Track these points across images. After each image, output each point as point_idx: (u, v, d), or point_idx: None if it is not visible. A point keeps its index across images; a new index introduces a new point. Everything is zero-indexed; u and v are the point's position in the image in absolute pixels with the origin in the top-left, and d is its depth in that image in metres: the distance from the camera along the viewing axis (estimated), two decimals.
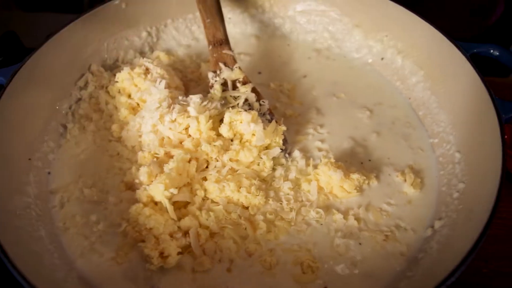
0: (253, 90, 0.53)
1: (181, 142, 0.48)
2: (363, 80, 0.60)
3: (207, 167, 0.48)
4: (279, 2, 0.65)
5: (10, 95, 0.47)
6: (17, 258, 0.37)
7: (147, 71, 0.55)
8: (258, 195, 0.46)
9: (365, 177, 0.48)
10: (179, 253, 0.42)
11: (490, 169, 0.42)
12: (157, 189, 0.43)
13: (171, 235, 0.43)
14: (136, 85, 0.54)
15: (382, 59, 0.61)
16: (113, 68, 0.59)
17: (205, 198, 0.46)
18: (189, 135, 0.48)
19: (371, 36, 0.61)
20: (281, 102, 0.57)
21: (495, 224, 0.53)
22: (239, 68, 0.54)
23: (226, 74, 0.53)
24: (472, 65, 0.49)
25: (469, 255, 0.35)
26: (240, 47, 0.64)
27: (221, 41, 0.56)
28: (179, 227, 0.44)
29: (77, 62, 0.56)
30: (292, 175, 0.49)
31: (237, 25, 0.66)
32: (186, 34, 0.65)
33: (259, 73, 0.61)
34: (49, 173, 0.50)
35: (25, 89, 0.49)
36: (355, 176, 0.47)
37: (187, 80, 0.59)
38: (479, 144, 0.46)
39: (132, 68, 0.54)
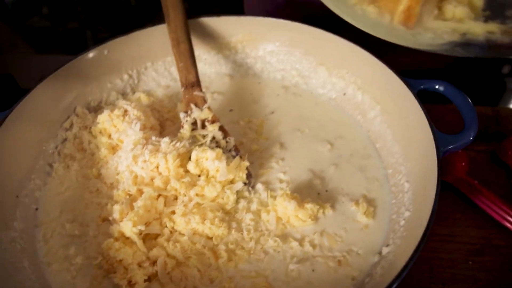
0: (221, 128, 0.58)
1: (152, 180, 0.53)
2: (327, 115, 0.65)
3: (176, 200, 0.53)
4: (250, 43, 0.70)
5: (0, 138, 0.53)
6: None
7: (125, 112, 0.60)
8: (221, 227, 0.50)
9: (319, 207, 0.52)
10: (145, 281, 0.47)
11: (428, 197, 0.46)
12: (126, 226, 0.48)
13: (139, 265, 0.47)
14: (115, 126, 0.59)
15: (344, 94, 0.66)
16: (96, 109, 0.65)
17: (173, 230, 0.51)
18: (160, 173, 0.53)
19: (334, 73, 0.66)
20: (248, 137, 0.62)
21: (452, 248, 0.57)
22: (209, 108, 0.59)
23: (196, 114, 0.58)
24: (417, 101, 0.53)
25: (393, 281, 0.39)
26: (214, 86, 0.70)
27: (192, 83, 0.61)
28: (147, 257, 0.48)
29: (64, 105, 0.62)
30: (254, 206, 0.53)
31: (212, 65, 0.72)
32: (165, 75, 0.70)
33: (231, 110, 0.66)
34: (36, 209, 0.55)
35: (14, 133, 0.55)
36: (309, 205, 0.51)
37: (163, 119, 0.65)
38: (422, 175, 0.50)
39: (112, 110, 0.60)
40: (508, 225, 0.58)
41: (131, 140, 0.56)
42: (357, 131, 0.63)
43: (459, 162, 0.64)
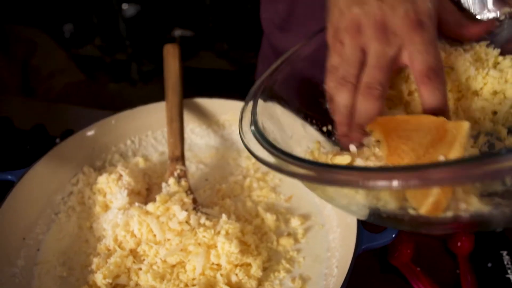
0: (194, 200, 0.70)
1: (127, 239, 0.65)
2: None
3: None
4: (235, 122, 0.82)
5: (18, 191, 0.67)
6: None
7: (120, 177, 0.73)
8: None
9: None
10: None
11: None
12: (98, 277, 0.60)
13: None
14: (110, 188, 0.72)
15: None
16: (101, 168, 0.79)
17: (137, 284, 0.62)
18: (134, 235, 0.65)
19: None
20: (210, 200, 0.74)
21: None
22: (186, 181, 0.71)
23: (173, 188, 0.70)
24: None
25: None
26: (201, 156, 0.82)
27: (177, 158, 0.74)
28: None
29: (73, 164, 0.76)
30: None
31: (203, 138, 0.84)
32: (163, 143, 0.83)
33: (206, 179, 0.78)
34: (38, 250, 0.69)
35: (31, 185, 0.69)
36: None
37: (152, 183, 0.77)
38: (345, 262, 0.59)
39: (111, 173, 0.73)
40: None
41: (118, 204, 0.68)
42: (314, 209, 0.72)
43: (405, 249, 0.71)
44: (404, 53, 0.50)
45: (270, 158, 0.47)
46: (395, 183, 0.36)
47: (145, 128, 0.82)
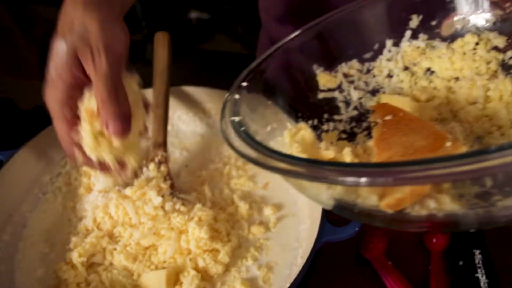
0: (171, 186, 0.72)
1: (104, 221, 0.68)
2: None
3: None
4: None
5: (6, 170, 0.71)
6: None
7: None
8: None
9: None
10: None
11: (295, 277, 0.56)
12: (74, 255, 0.64)
13: (77, 285, 0.63)
14: (94, 171, 0.75)
15: None
16: None
17: (112, 263, 0.65)
18: (112, 217, 0.68)
19: None
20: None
21: None
22: (166, 167, 0.74)
23: (152, 173, 0.73)
24: None
25: None
26: (186, 143, 0.84)
27: (159, 144, 0.76)
28: (86, 280, 0.63)
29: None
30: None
31: (189, 125, 0.86)
32: (149, 128, 0.86)
33: (186, 166, 0.80)
34: (24, 227, 0.73)
35: (18, 166, 0.73)
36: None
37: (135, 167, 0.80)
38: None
39: None
40: None
41: (99, 187, 0.71)
42: (288, 199, 0.74)
43: (377, 242, 0.72)
44: None
45: (248, 150, 0.46)
46: (363, 180, 0.36)
47: None
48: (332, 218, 0.60)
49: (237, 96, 0.55)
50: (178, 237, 0.65)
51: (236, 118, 0.51)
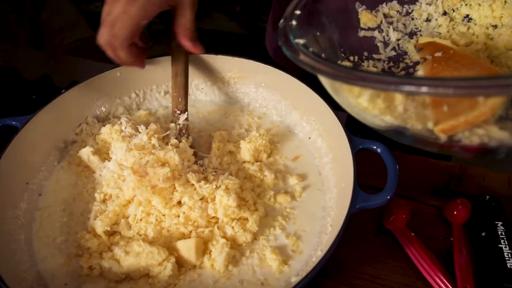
0: (191, 146, 0.71)
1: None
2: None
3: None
4: (241, 80, 0.82)
5: (21, 136, 0.68)
6: None
7: (123, 128, 0.73)
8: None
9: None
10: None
11: (332, 245, 0.55)
12: (97, 224, 0.62)
13: (100, 254, 0.61)
14: (112, 139, 0.73)
15: (309, 138, 0.76)
16: (104, 120, 0.79)
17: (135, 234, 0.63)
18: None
19: (304, 118, 0.76)
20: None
21: None
22: (188, 134, 0.72)
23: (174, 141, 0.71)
24: (353, 159, 0.62)
25: None
26: (204, 112, 0.82)
27: (181, 111, 0.74)
28: (109, 249, 0.62)
29: (77, 114, 0.77)
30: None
31: (207, 94, 0.84)
32: (167, 97, 0.83)
33: (209, 135, 0.78)
34: (40, 195, 0.70)
35: (38, 130, 0.70)
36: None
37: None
38: (340, 224, 0.59)
39: (113, 125, 0.74)
40: (430, 279, 0.64)
41: (117, 156, 0.69)
42: (313, 169, 0.73)
43: (401, 213, 0.71)
44: None
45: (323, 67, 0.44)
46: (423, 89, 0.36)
47: (150, 82, 0.82)
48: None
49: (294, 22, 0.54)
50: (205, 205, 0.63)
51: (301, 41, 0.50)
